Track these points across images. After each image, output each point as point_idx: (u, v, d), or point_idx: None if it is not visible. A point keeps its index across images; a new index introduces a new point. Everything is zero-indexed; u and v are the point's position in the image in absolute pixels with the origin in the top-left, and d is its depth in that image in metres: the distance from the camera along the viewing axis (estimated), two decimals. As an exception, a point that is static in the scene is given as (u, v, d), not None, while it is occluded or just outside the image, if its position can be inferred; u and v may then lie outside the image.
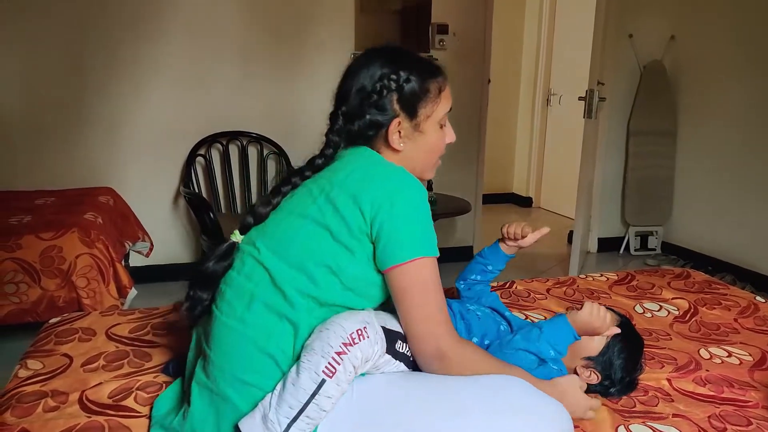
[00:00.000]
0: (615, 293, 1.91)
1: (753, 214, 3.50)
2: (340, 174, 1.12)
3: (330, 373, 0.97)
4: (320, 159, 1.17)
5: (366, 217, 1.05)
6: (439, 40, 3.64)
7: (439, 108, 1.17)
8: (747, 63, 3.50)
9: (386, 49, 1.19)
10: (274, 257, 1.08)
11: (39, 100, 3.11)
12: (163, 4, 3.18)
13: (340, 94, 1.17)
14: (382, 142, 1.17)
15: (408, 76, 1.13)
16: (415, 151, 1.18)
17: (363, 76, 1.14)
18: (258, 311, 1.06)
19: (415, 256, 1.05)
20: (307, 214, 1.09)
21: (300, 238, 1.08)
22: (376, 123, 1.14)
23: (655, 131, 4.04)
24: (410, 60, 1.16)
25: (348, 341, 0.98)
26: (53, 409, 1.17)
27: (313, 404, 0.97)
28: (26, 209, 2.68)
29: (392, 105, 1.14)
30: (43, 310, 2.29)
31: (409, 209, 1.06)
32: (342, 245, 1.06)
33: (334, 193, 1.08)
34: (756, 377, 1.38)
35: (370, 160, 1.14)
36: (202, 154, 3.35)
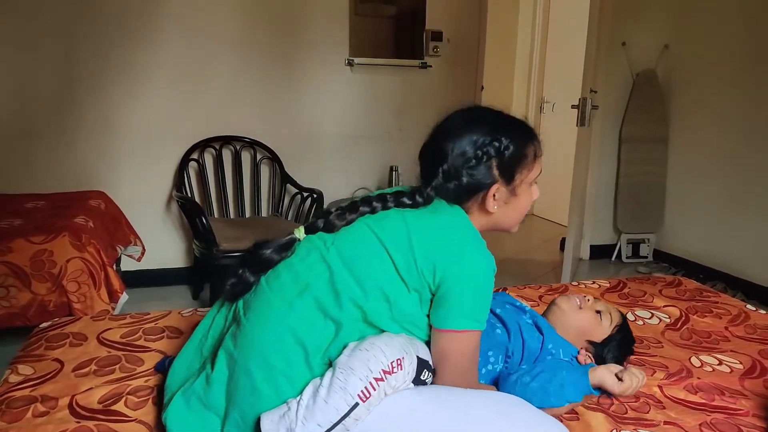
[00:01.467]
0: (607, 300, 1.92)
1: (744, 222, 3.52)
2: (427, 221, 1.13)
3: (365, 397, 0.97)
4: (408, 200, 1.17)
5: (436, 272, 1.08)
6: (433, 46, 3.65)
7: (533, 172, 1.20)
8: (739, 72, 3.54)
9: (487, 110, 1.21)
10: (339, 261, 1.10)
11: (30, 104, 3.10)
12: (156, 8, 3.18)
13: (439, 152, 1.17)
14: (475, 203, 1.19)
15: (509, 142, 1.15)
16: (506, 213, 1.21)
17: (465, 139, 1.14)
18: (307, 302, 1.07)
19: (466, 328, 1.10)
20: (384, 241, 1.10)
21: (369, 257, 1.10)
22: (475, 186, 1.16)
23: (647, 139, 4.06)
24: (510, 124, 1.19)
25: (388, 369, 0.99)
26: (42, 414, 1.16)
27: (342, 424, 0.97)
28: (17, 213, 2.66)
29: (492, 171, 1.15)
30: (33, 315, 2.27)
31: (476, 280, 1.10)
32: (403, 281, 1.09)
33: (415, 235, 1.10)
34: (747, 385, 1.39)
35: (460, 222, 1.16)
36: (195, 158, 3.34)
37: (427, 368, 1.08)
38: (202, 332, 1.21)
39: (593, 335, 1.39)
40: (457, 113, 1.21)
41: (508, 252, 4.40)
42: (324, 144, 3.58)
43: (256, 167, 3.44)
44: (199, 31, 3.27)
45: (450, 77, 3.70)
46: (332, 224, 1.15)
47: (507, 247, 4.63)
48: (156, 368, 1.33)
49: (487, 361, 1.29)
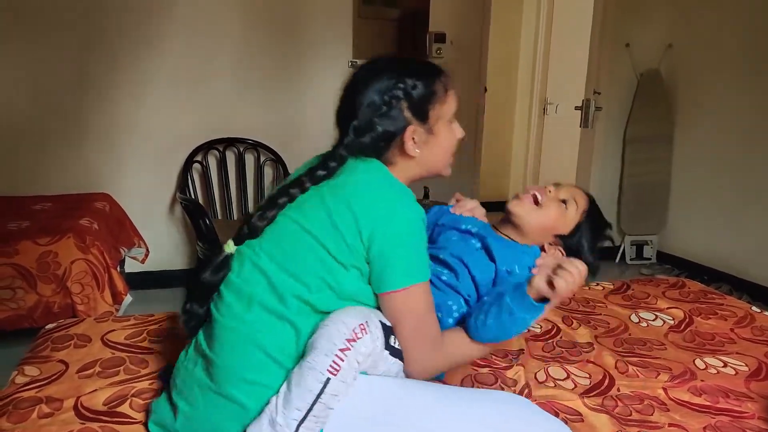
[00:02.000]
0: (610, 302, 1.92)
1: (749, 223, 3.51)
2: (344, 190, 1.10)
3: (335, 371, 0.97)
4: (323, 171, 1.14)
5: (364, 239, 1.06)
6: (437, 48, 3.65)
7: (447, 107, 1.19)
8: (745, 71, 3.52)
9: (386, 59, 1.20)
10: (272, 264, 1.09)
11: (37, 107, 3.11)
12: (162, 12, 3.19)
13: (347, 109, 1.16)
14: (396, 151, 1.17)
15: (414, 82, 1.14)
16: (430, 154, 1.19)
17: (370, 89, 1.13)
18: (257, 312, 1.07)
19: (408, 284, 1.08)
20: (309, 228, 1.08)
21: (299, 251, 1.08)
22: (390, 134, 1.15)
23: (651, 140, 4.05)
24: (412, 65, 1.18)
25: (351, 337, 0.99)
26: (47, 415, 1.17)
27: (320, 403, 0.97)
28: (24, 215, 2.67)
29: (403, 113, 1.14)
30: (39, 316, 2.29)
31: (405, 235, 1.08)
32: (339, 263, 1.07)
33: (336, 211, 1.07)
34: (753, 388, 1.38)
35: (376, 178, 1.13)
36: (198, 160, 3.34)
37: (393, 333, 1.08)
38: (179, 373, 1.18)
39: (559, 228, 1.33)
40: (359, 69, 1.19)
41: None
42: (327, 145, 3.54)
43: (260, 169, 3.45)
44: (203, 34, 3.28)
45: (453, 79, 3.69)
46: (256, 227, 1.12)
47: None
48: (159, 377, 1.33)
49: (451, 311, 1.25)
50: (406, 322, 1.09)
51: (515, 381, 1.35)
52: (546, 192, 1.36)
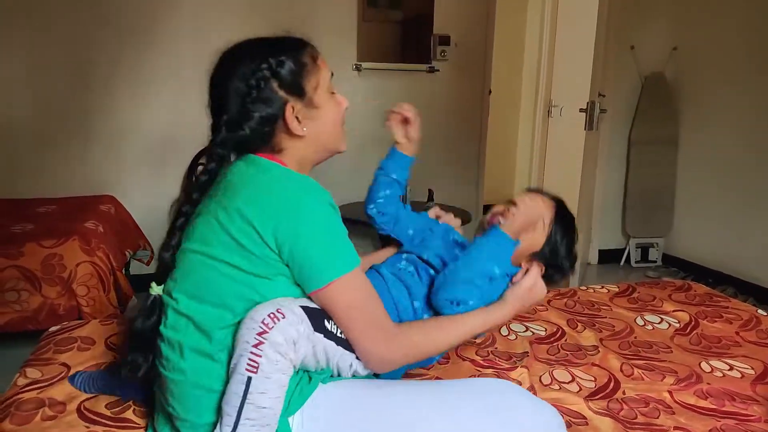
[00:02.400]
0: (616, 305, 1.91)
1: (755, 226, 3.49)
2: (235, 200, 1.02)
3: (253, 368, 0.94)
4: (204, 176, 1.08)
5: (272, 246, 1.00)
6: (441, 51, 3.65)
7: (321, 76, 1.13)
8: (749, 74, 3.51)
9: (242, 45, 1.13)
10: (193, 302, 1.04)
11: (43, 110, 3.13)
12: (167, 14, 3.20)
13: (216, 104, 1.10)
14: (282, 135, 1.10)
15: (278, 58, 1.07)
16: (318, 128, 1.12)
17: (234, 79, 1.07)
18: (190, 357, 1.03)
19: (334, 278, 1.01)
20: (214, 254, 1.02)
21: (215, 279, 1.02)
22: (268, 117, 1.07)
23: (656, 143, 4.04)
24: (272, 43, 1.12)
25: (261, 330, 0.94)
26: (51, 418, 1.17)
27: (249, 404, 0.95)
28: (29, 217, 2.68)
29: (277, 93, 1.07)
30: (44, 318, 2.29)
31: (314, 228, 1.01)
32: (258, 277, 1.02)
33: (233, 226, 1.00)
34: (759, 391, 1.38)
35: (263, 176, 1.05)
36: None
37: (328, 318, 1.03)
38: None
39: (533, 248, 1.34)
40: (219, 59, 1.13)
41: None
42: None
43: (264, 172, 3.45)
44: (208, 36, 3.28)
45: (458, 81, 3.70)
46: (165, 262, 1.08)
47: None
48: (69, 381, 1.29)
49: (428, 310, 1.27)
50: (347, 316, 1.03)
51: (519, 383, 1.35)
52: (510, 215, 1.28)
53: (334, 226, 1.03)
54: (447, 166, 3.88)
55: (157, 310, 1.09)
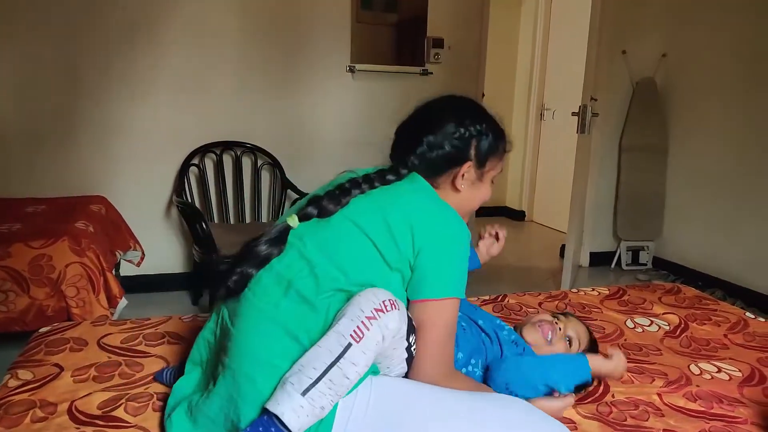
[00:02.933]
0: (606, 308, 1.92)
1: (743, 230, 3.53)
2: (401, 198, 1.17)
3: (358, 337, 0.97)
4: (393, 176, 1.21)
5: (415, 245, 1.11)
6: (434, 53, 3.66)
7: (498, 167, 1.29)
8: (737, 81, 3.55)
9: (472, 100, 1.30)
10: (320, 255, 1.11)
11: (32, 108, 3.10)
12: (159, 14, 3.19)
13: (425, 124, 1.24)
14: (447, 179, 1.24)
15: (488, 129, 1.24)
16: (469, 196, 1.26)
17: (452, 116, 1.23)
18: (293, 299, 1.07)
19: (445, 296, 1.11)
20: (362, 225, 1.12)
21: (349, 245, 1.12)
22: (453, 158, 1.21)
23: (646, 147, 4.07)
24: (490, 117, 1.27)
25: (380, 307, 1.00)
26: (41, 419, 1.16)
27: (337, 368, 0.96)
28: (16, 217, 2.66)
29: (470, 149, 1.22)
30: (31, 320, 2.27)
31: (452, 250, 1.13)
32: (385, 262, 1.10)
33: (392, 215, 1.13)
34: (746, 393, 1.39)
35: (429, 193, 1.21)
36: (195, 163, 3.34)
37: (412, 332, 1.09)
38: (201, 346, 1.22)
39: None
40: (445, 99, 1.29)
41: (508, 259, 4.40)
42: (325, 150, 3.58)
43: (257, 173, 3.45)
44: (201, 37, 3.28)
45: (451, 84, 3.71)
46: (327, 210, 1.15)
47: (506, 253, 4.62)
48: (155, 378, 1.33)
49: (468, 364, 1.30)
50: (432, 333, 1.11)
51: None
52: (556, 330, 1.45)
53: (463, 258, 1.16)
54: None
55: (285, 240, 1.14)
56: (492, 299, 1.96)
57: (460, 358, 1.30)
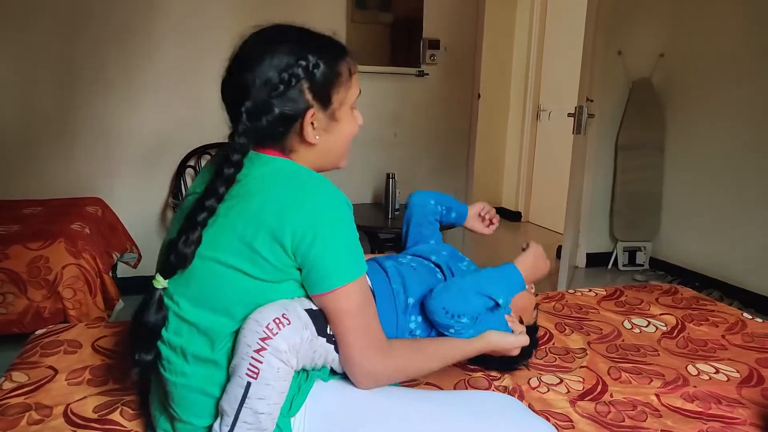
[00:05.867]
0: (603, 308, 1.92)
1: (741, 230, 3.53)
2: (252, 203, 0.98)
3: (253, 374, 0.92)
4: (230, 168, 0.98)
5: (288, 251, 0.97)
6: (430, 54, 3.66)
7: (351, 92, 1.08)
8: (734, 81, 3.56)
9: (282, 28, 1.06)
10: (196, 309, 1.00)
11: (29, 111, 3.10)
12: (154, 16, 3.18)
13: (238, 88, 1.01)
14: (295, 137, 1.05)
15: (317, 60, 1.01)
16: (331, 141, 1.08)
17: (266, 65, 0.99)
18: (194, 363, 1.01)
19: (342, 284, 0.99)
20: (223, 259, 0.97)
21: (222, 287, 0.99)
22: (288, 117, 1.01)
23: (643, 147, 4.08)
24: (316, 40, 1.05)
25: (265, 335, 0.92)
26: (37, 422, 1.15)
27: (246, 408, 0.94)
28: (14, 219, 2.65)
29: (304, 95, 1.02)
30: (29, 321, 2.26)
31: (332, 235, 0.98)
32: (267, 282, 0.99)
33: (248, 232, 0.96)
34: (744, 394, 1.39)
35: (284, 177, 1.01)
36: (191, 165, 3.34)
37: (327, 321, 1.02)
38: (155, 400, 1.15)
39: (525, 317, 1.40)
40: (253, 37, 1.05)
41: (504, 259, 4.37)
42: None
43: (253, 174, 3.44)
44: (196, 38, 3.27)
45: (447, 85, 3.71)
46: (184, 256, 0.97)
47: (502, 254, 4.63)
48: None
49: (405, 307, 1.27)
50: (347, 320, 1.01)
51: (506, 388, 1.35)
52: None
53: (349, 230, 1.01)
54: (436, 170, 3.89)
55: (164, 306, 1.02)
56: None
57: (411, 303, 1.25)
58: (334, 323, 1.02)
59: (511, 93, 5.82)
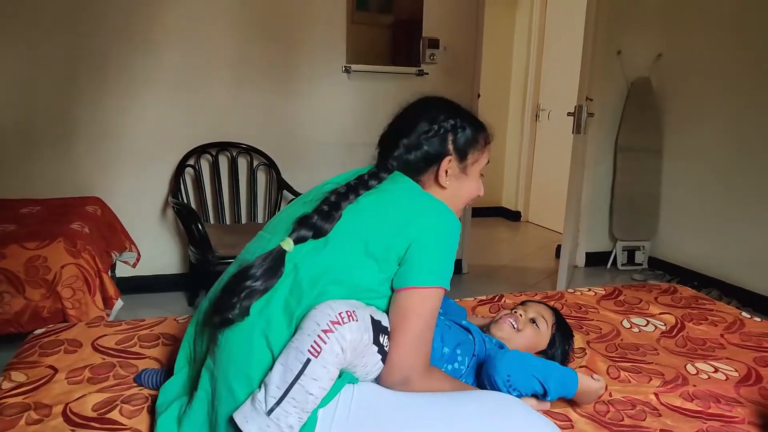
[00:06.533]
0: (603, 308, 1.92)
1: (739, 229, 3.54)
2: (390, 196, 1.18)
3: (315, 352, 0.95)
4: (375, 181, 1.21)
5: (407, 238, 1.10)
6: (430, 54, 3.66)
7: (483, 158, 1.29)
8: (732, 81, 3.56)
9: (443, 99, 1.31)
10: (306, 258, 1.10)
11: (28, 110, 3.09)
12: (154, 16, 3.18)
13: (400, 127, 1.26)
14: (430, 177, 1.24)
15: (463, 123, 1.25)
16: (456, 191, 1.26)
17: (424, 116, 1.24)
18: (275, 307, 1.06)
19: (431, 284, 1.10)
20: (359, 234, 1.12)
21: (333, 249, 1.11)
22: (431, 156, 1.23)
23: (642, 147, 4.08)
24: (464, 112, 1.29)
25: (336, 320, 0.97)
26: (36, 422, 1.15)
27: (299, 385, 0.95)
28: (11, 218, 2.64)
29: (447, 144, 1.23)
30: (27, 321, 2.26)
31: (442, 240, 1.13)
32: (372, 258, 1.10)
33: (383, 213, 1.14)
34: (742, 393, 1.39)
35: (415, 189, 1.21)
36: (191, 164, 3.33)
37: (383, 332, 1.07)
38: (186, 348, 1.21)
39: (539, 345, 1.45)
40: (417, 100, 1.31)
41: (503, 259, 4.40)
42: (321, 151, 3.58)
43: (253, 173, 3.44)
44: (196, 38, 3.27)
45: (446, 85, 3.71)
46: (321, 229, 1.13)
47: (502, 253, 4.63)
48: (135, 381, 1.32)
49: (455, 359, 1.30)
50: (412, 321, 1.09)
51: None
52: (518, 317, 1.48)
53: (453, 244, 1.15)
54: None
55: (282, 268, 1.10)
56: (488, 299, 1.96)
57: (446, 352, 1.29)
58: (397, 322, 1.09)
59: (510, 93, 5.82)
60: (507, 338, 1.43)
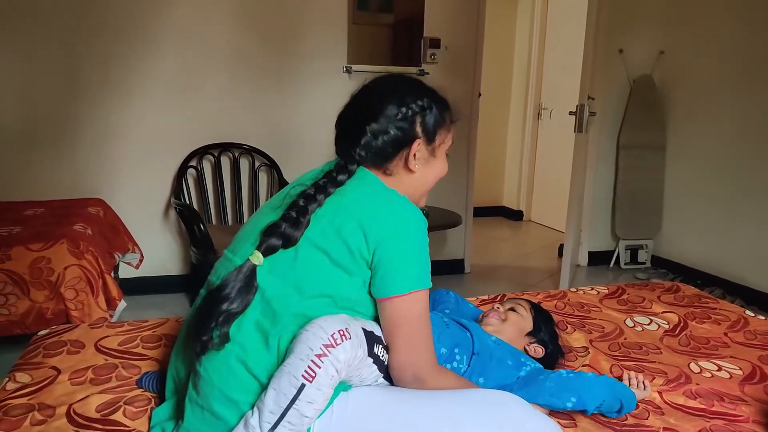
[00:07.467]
0: (606, 307, 1.92)
1: (742, 228, 3.53)
2: (346, 198, 1.13)
3: (310, 377, 0.95)
4: (344, 176, 1.16)
5: (369, 245, 1.07)
6: (431, 53, 3.66)
7: (449, 138, 1.25)
8: (734, 78, 3.55)
9: (405, 77, 1.27)
10: (269, 276, 1.08)
11: (31, 112, 3.10)
12: (155, 17, 3.19)
13: (364, 113, 1.19)
14: (399, 162, 1.20)
15: (430, 103, 1.20)
16: (425, 174, 1.22)
17: (391, 98, 1.18)
18: (247, 330, 1.05)
19: (411, 290, 1.08)
20: (310, 236, 1.09)
21: (299, 260, 1.08)
22: (400, 141, 1.17)
23: (644, 145, 4.08)
24: (430, 91, 1.24)
25: (329, 342, 0.96)
26: (40, 422, 1.16)
27: (294, 410, 0.95)
28: (16, 220, 2.65)
29: (415, 126, 1.18)
30: (32, 322, 2.26)
31: (411, 243, 1.10)
32: (341, 268, 1.08)
33: (339, 217, 1.09)
34: (747, 391, 1.39)
35: (376, 187, 1.17)
36: (193, 165, 3.34)
37: (377, 342, 1.07)
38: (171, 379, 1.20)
39: (526, 327, 1.49)
40: (378, 80, 1.24)
41: (506, 258, 4.40)
42: (322, 151, 3.55)
43: (255, 174, 3.45)
44: (198, 39, 3.27)
45: (447, 84, 3.67)
46: (291, 237, 1.08)
47: (504, 253, 4.63)
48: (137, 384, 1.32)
49: (453, 358, 1.30)
50: (404, 331, 1.09)
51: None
52: (499, 312, 1.51)
53: (423, 247, 1.12)
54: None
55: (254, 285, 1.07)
56: (491, 299, 1.96)
57: (444, 353, 1.29)
58: (390, 330, 1.09)
59: (512, 92, 5.82)
60: (498, 330, 1.46)
